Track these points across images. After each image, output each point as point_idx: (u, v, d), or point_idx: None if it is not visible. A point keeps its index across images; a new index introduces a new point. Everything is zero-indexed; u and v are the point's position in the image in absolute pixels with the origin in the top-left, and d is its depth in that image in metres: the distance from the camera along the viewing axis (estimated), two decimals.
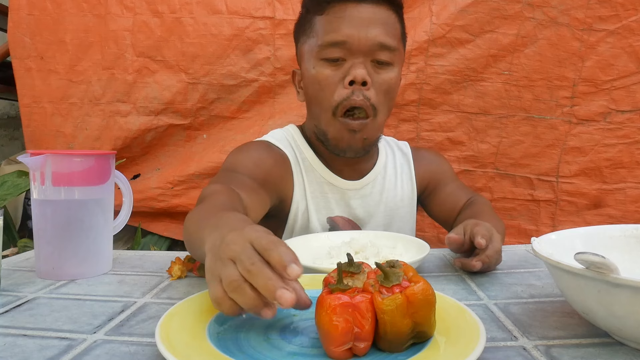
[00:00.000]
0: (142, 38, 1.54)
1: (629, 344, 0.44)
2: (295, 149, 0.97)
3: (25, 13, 1.55)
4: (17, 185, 1.43)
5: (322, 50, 0.86)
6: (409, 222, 1.04)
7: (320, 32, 0.87)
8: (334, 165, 0.97)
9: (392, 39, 0.87)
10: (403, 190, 1.03)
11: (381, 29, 0.85)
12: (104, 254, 0.73)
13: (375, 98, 0.86)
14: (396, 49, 0.88)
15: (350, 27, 0.84)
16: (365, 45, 0.84)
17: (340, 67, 0.86)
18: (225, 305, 0.42)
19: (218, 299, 0.42)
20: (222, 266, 0.42)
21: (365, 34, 0.84)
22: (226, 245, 0.43)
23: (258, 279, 0.40)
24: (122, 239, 1.68)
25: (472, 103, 1.48)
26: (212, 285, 0.43)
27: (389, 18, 0.88)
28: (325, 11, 0.87)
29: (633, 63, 1.41)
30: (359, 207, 0.98)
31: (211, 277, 0.43)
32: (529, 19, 1.42)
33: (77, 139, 1.60)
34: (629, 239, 0.57)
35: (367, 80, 0.84)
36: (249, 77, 1.54)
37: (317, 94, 0.88)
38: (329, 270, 0.49)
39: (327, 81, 0.86)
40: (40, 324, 0.52)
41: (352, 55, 0.85)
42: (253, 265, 0.40)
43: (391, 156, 1.05)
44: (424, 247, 0.74)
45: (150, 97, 1.56)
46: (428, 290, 0.41)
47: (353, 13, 0.85)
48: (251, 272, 0.40)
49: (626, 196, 1.45)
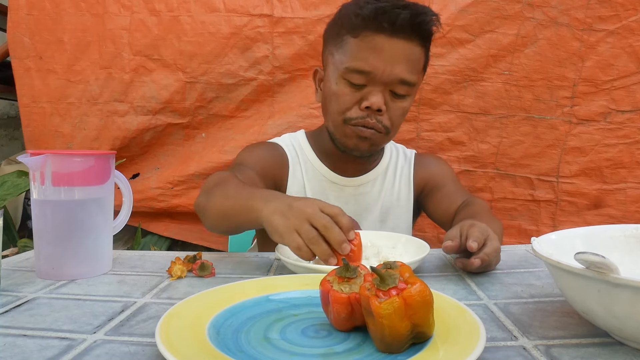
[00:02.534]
0: (139, 37, 1.54)
1: (629, 344, 0.44)
2: (298, 151, 1.05)
3: (24, 13, 1.55)
4: (17, 185, 1.43)
5: (347, 72, 0.91)
6: (405, 221, 1.07)
7: (349, 54, 0.91)
8: (336, 165, 1.04)
9: (413, 75, 0.91)
10: (400, 190, 1.07)
11: (405, 66, 0.89)
12: (104, 254, 0.73)
13: (388, 122, 0.93)
14: (415, 84, 0.93)
15: (377, 60, 0.88)
16: (387, 78, 0.89)
17: (360, 90, 0.91)
18: (304, 252, 0.60)
19: (300, 246, 0.60)
20: (299, 224, 0.60)
21: (390, 69, 0.88)
22: (299, 209, 0.61)
23: (331, 234, 0.60)
24: (122, 239, 1.68)
25: (472, 103, 1.48)
26: (290, 237, 0.61)
27: (416, 54, 0.91)
28: (359, 36, 0.89)
29: (633, 63, 1.41)
30: (357, 203, 1.04)
31: (287, 231, 0.61)
32: (529, 19, 1.42)
33: (76, 139, 1.60)
34: (629, 239, 0.57)
35: (382, 108, 0.90)
36: (248, 76, 1.54)
37: (334, 107, 0.94)
38: (329, 270, 0.49)
39: (345, 99, 0.92)
40: (40, 324, 0.52)
41: (373, 83, 0.90)
42: (328, 223, 0.60)
43: (394, 160, 1.09)
44: (424, 247, 0.74)
45: (147, 97, 1.56)
46: (425, 291, 0.40)
47: (384, 46, 0.88)
48: (327, 229, 0.60)
49: (626, 196, 1.45)
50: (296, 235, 0.61)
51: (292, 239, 0.61)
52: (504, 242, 1.33)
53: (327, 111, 0.97)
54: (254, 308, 0.51)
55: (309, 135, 1.09)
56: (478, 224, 0.70)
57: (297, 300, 0.53)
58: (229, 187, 0.79)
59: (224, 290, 0.54)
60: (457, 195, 1.02)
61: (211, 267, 0.71)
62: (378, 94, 0.89)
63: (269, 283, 0.58)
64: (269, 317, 0.50)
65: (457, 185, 1.08)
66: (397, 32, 0.87)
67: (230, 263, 0.78)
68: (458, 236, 0.68)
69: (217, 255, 0.82)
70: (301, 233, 0.60)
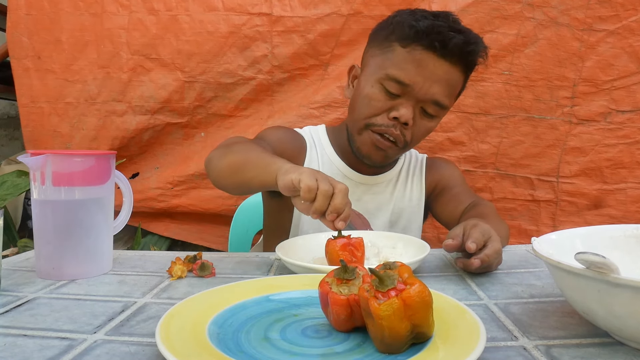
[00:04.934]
0: (137, 36, 1.54)
1: (629, 344, 0.44)
2: (316, 142, 1.06)
3: (23, 13, 1.55)
4: (16, 185, 1.43)
5: (386, 78, 0.90)
6: (415, 221, 1.08)
7: (393, 62, 0.90)
8: (352, 162, 1.04)
9: (448, 99, 0.92)
10: (412, 192, 1.08)
11: (443, 89, 0.90)
12: (104, 254, 0.73)
13: (410, 137, 0.93)
14: (446, 107, 0.93)
15: (419, 75, 0.88)
16: (423, 95, 0.89)
17: (393, 99, 0.91)
18: (309, 196, 0.65)
19: (310, 188, 0.64)
20: (322, 181, 0.65)
21: (429, 87, 0.88)
22: (326, 177, 0.67)
23: (337, 200, 0.66)
24: (122, 239, 1.68)
25: (473, 103, 1.48)
26: (310, 180, 0.65)
27: (456, 79, 0.91)
28: (408, 47, 0.89)
29: (633, 63, 1.41)
30: (370, 201, 1.04)
31: (311, 176, 0.65)
32: (529, 19, 1.42)
33: (75, 139, 1.60)
34: (629, 239, 0.57)
35: (409, 122, 0.90)
36: (246, 75, 1.54)
37: (362, 109, 0.94)
38: (329, 270, 0.49)
39: (376, 105, 0.91)
40: (40, 324, 0.52)
41: (408, 96, 0.90)
42: (345, 190, 0.67)
43: (407, 163, 1.11)
44: (424, 247, 0.74)
45: (145, 96, 1.56)
46: (424, 292, 0.40)
47: (429, 63, 0.88)
48: (339, 194, 0.66)
49: (627, 196, 1.45)
50: (314, 181, 0.65)
51: (308, 181, 0.64)
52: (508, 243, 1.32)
53: (354, 110, 0.97)
54: (254, 308, 0.51)
55: (329, 130, 1.10)
56: (481, 224, 0.70)
57: (297, 300, 0.53)
58: (251, 146, 0.84)
59: (224, 290, 0.54)
60: (464, 197, 1.03)
61: (211, 267, 0.71)
62: (409, 108, 0.89)
63: (269, 283, 0.58)
64: (269, 317, 0.49)
65: (465, 188, 1.08)
66: (445, 54, 0.87)
67: (230, 263, 0.78)
68: (460, 235, 0.68)
69: (217, 255, 0.82)
70: (320, 184, 0.65)
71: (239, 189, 0.87)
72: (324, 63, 1.52)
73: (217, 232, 1.64)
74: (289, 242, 0.80)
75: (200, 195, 1.58)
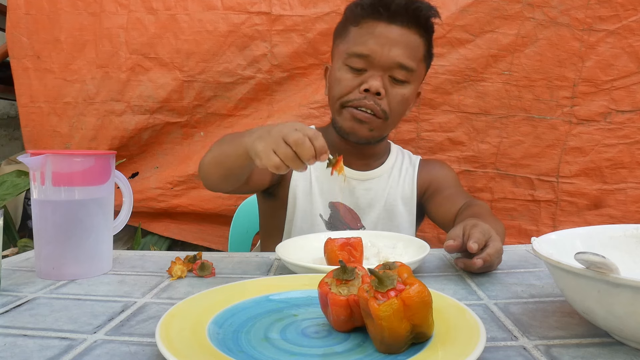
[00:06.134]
0: (136, 35, 1.53)
1: (629, 343, 0.44)
2: None
3: (22, 12, 1.55)
4: (16, 185, 1.43)
5: (348, 57, 0.95)
6: (408, 220, 1.08)
7: (351, 42, 0.96)
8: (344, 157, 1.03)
9: (411, 60, 0.95)
10: (404, 190, 1.08)
11: (403, 51, 0.93)
12: (104, 254, 0.73)
13: (387, 107, 0.96)
14: (413, 70, 0.96)
15: (375, 44, 0.93)
16: (385, 61, 0.93)
17: (360, 75, 0.95)
18: (283, 170, 0.64)
19: (278, 165, 0.63)
20: (276, 144, 0.63)
21: (388, 52, 0.93)
22: (276, 131, 0.64)
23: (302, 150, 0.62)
24: (122, 239, 1.68)
25: (473, 103, 1.48)
26: (268, 157, 0.63)
27: (413, 41, 0.95)
28: (360, 24, 0.96)
29: (633, 63, 1.41)
30: (362, 197, 1.05)
31: (265, 151, 0.63)
32: (529, 19, 1.42)
33: (74, 139, 1.60)
34: (629, 239, 0.57)
35: (380, 92, 0.93)
36: (246, 75, 1.54)
37: (335, 92, 0.98)
38: (329, 270, 0.49)
39: (346, 83, 0.96)
40: (40, 324, 0.52)
41: (372, 67, 0.94)
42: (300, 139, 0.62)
43: (399, 161, 1.12)
44: (424, 247, 0.74)
45: (144, 96, 1.56)
46: (424, 292, 0.40)
47: (382, 31, 0.93)
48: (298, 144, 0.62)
49: (627, 196, 1.45)
50: (273, 155, 0.63)
51: (269, 159, 0.64)
52: (504, 241, 1.32)
53: (330, 97, 1.01)
54: (254, 308, 0.51)
55: (319, 130, 1.11)
56: (481, 224, 0.70)
57: (297, 300, 0.54)
58: (224, 139, 0.86)
59: (224, 290, 0.55)
60: (458, 198, 1.03)
61: (211, 267, 0.71)
62: (377, 78, 0.93)
63: (269, 283, 0.58)
64: (269, 317, 0.50)
65: (458, 188, 1.09)
66: (394, 19, 0.93)
67: (230, 263, 0.78)
68: (460, 235, 0.68)
69: (217, 255, 0.82)
70: (278, 152, 0.63)
71: (228, 182, 0.88)
72: (323, 62, 1.52)
73: (217, 232, 1.64)
74: (288, 242, 0.80)
75: (200, 195, 1.58)
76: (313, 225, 1.02)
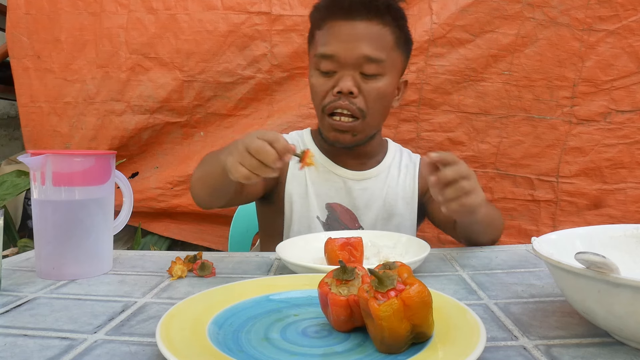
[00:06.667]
0: (136, 35, 1.53)
1: (629, 343, 0.44)
2: (301, 144, 1.09)
3: (22, 12, 1.55)
4: (16, 185, 1.43)
5: (317, 61, 0.95)
6: (409, 219, 1.07)
7: (318, 45, 0.96)
8: (338, 159, 1.05)
9: (380, 52, 0.92)
10: (405, 189, 1.07)
11: (368, 44, 0.91)
12: (104, 254, 0.73)
13: (364, 104, 0.94)
14: (383, 61, 0.93)
15: (339, 42, 0.92)
16: (352, 59, 0.91)
17: (331, 77, 0.94)
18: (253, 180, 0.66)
19: (247, 176, 0.65)
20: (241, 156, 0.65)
21: (352, 49, 0.91)
22: (240, 143, 0.66)
23: (262, 156, 0.64)
24: (122, 239, 1.68)
25: (473, 103, 1.48)
26: (236, 171, 0.66)
27: (377, 32, 0.93)
28: (322, 27, 0.96)
29: (633, 63, 1.41)
30: (359, 197, 1.04)
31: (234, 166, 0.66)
32: (529, 19, 1.42)
33: (74, 139, 1.60)
34: (629, 239, 0.57)
35: (353, 91, 0.92)
36: (246, 74, 1.54)
37: (313, 98, 0.99)
38: (329, 270, 0.49)
39: (320, 89, 0.95)
40: (40, 324, 0.52)
41: (342, 67, 0.93)
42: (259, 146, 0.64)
43: (398, 159, 1.10)
44: (424, 247, 0.74)
45: (144, 96, 1.56)
46: (424, 292, 0.41)
47: (343, 29, 0.92)
48: (259, 152, 0.64)
49: (626, 196, 1.45)
50: (241, 167, 0.66)
51: (237, 171, 0.66)
52: (504, 241, 1.33)
53: (314, 106, 1.01)
54: (254, 308, 0.51)
55: (313, 132, 1.12)
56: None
57: (297, 300, 0.54)
58: (206, 158, 0.88)
59: (224, 290, 0.55)
60: None
61: (211, 267, 0.71)
62: (347, 77, 0.92)
63: (269, 283, 0.58)
64: (269, 317, 0.50)
65: None
66: (352, 15, 0.92)
67: (231, 263, 0.78)
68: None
69: (217, 255, 0.82)
70: (244, 164, 0.65)
71: (217, 199, 0.90)
72: None
73: (217, 232, 1.64)
74: (289, 242, 0.80)
75: None
76: (310, 227, 1.02)
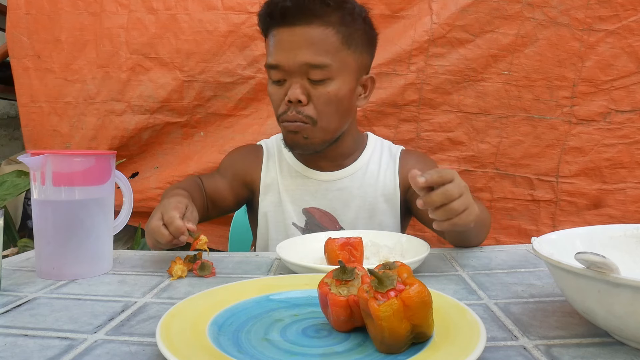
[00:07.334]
0: (136, 35, 1.53)
1: (630, 343, 0.44)
2: (277, 149, 1.09)
3: (22, 12, 1.55)
4: (16, 185, 1.43)
5: (268, 71, 0.95)
6: (392, 217, 1.04)
7: (267, 55, 0.95)
8: (311, 161, 1.04)
9: (322, 56, 0.89)
10: (385, 186, 1.04)
11: (309, 50, 0.89)
12: (104, 254, 0.73)
13: (314, 111, 0.92)
14: (328, 65, 0.90)
15: (281, 52, 0.91)
16: (294, 67, 0.90)
17: (283, 86, 0.93)
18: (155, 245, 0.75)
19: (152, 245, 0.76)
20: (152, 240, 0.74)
21: (293, 57, 0.89)
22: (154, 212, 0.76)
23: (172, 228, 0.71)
24: (122, 239, 1.68)
25: (472, 103, 1.47)
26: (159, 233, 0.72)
27: (318, 35, 0.89)
28: (268, 36, 0.95)
29: (633, 63, 1.41)
30: (336, 198, 1.02)
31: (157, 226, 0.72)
32: (529, 19, 1.42)
33: (74, 139, 1.60)
34: (629, 239, 0.57)
35: (301, 99, 0.90)
36: (246, 74, 1.54)
37: (273, 108, 0.98)
38: (329, 270, 0.49)
39: (274, 97, 0.96)
40: (40, 324, 0.52)
41: (289, 76, 0.91)
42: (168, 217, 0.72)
43: (377, 154, 1.07)
44: (424, 247, 0.74)
45: (145, 96, 1.55)
46: (424, 292, 0.41)
47: (284, 37, 0.91)
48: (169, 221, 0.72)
49: (626, 196, 1.45)
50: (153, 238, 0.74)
51: (148, 242, 0.77)
52: (504, 241, 1.32)
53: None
54: (254, 308, 0.51)
55: None
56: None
57: (297, 300, 0.54)
58: (166, 193, 0.95)
59: (224, 290, 0.55)
60: None
61: (211, 267, 0.71)
62: (295, 86, 0.90)
63: (269, 283, 0.58)
64: (269, 317, 0.50)
65: None
66: (290, 21, 0.89)
67: (231, 263, 0.78)
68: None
69: (217, 255, 0.82)
70: (153, 236, 0.74)
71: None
72: None
73: (217, 232, 1.64)
74: (289, 241, 0.80)
75: None
76: (287, 235, 1.01)
